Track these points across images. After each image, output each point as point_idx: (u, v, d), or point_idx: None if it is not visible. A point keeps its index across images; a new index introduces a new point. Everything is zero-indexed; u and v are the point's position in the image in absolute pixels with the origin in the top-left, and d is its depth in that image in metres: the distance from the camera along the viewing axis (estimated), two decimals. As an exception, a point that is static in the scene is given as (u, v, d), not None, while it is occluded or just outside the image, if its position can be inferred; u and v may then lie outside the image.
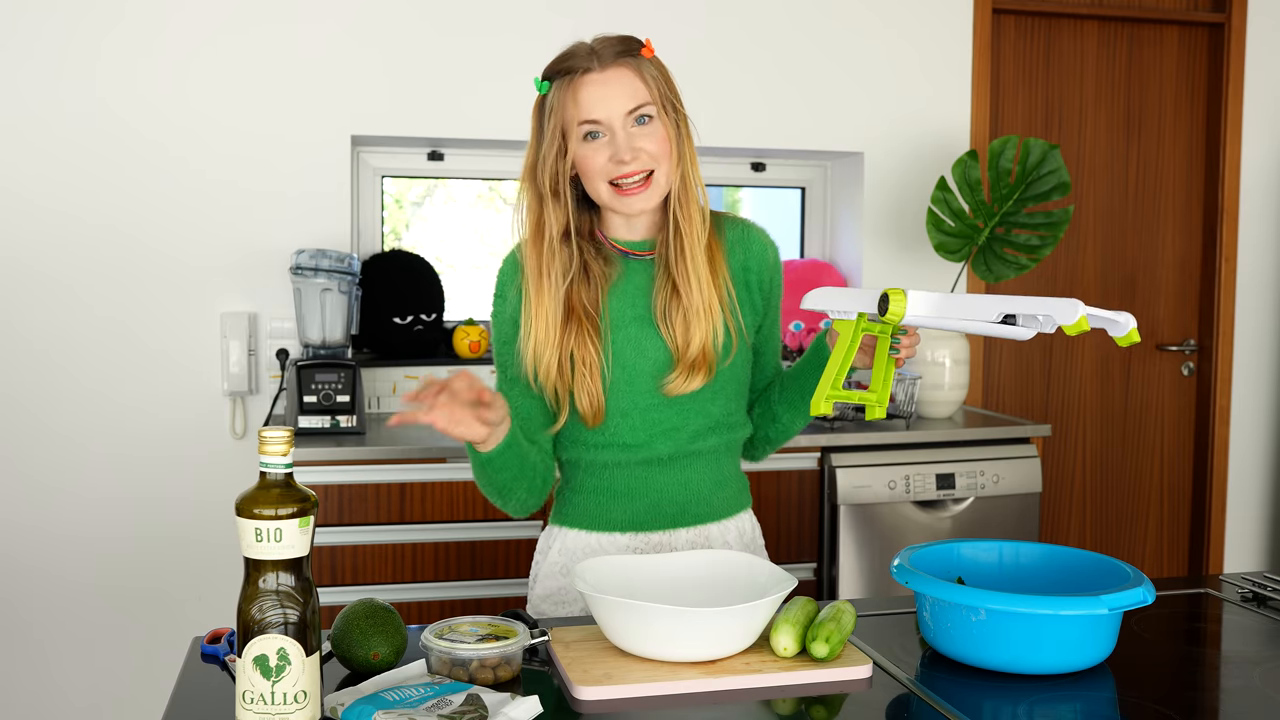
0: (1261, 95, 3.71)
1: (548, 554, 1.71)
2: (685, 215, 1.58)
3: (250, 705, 1.10)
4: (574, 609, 1.67)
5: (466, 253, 3.43)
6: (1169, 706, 1.24)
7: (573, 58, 1.54)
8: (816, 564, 2.86)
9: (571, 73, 1.53)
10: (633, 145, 1.52)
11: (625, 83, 1.52)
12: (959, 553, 1.52)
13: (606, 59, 1.52)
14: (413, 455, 2.60)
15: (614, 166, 1.53)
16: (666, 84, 1.56)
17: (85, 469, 2.97)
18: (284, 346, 3.03)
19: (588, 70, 1.52)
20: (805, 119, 3.36)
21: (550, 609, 1.69)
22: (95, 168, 2.93)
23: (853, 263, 3.48)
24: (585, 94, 1.52)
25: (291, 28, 3.01)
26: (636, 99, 1.52)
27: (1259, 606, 1.60)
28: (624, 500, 1.64)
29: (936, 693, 1.28)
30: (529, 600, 1.74)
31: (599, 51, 1.53)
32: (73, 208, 2.93)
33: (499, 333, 1.64)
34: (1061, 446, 3.71)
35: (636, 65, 1.54)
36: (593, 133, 1.53)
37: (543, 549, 1.73)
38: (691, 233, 1.58)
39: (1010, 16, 3.56)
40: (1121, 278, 3.72)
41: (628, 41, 1.56)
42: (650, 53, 1.57)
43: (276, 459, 1.13)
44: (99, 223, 2.95)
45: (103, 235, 2.95)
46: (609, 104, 1.51)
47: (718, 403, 1.64)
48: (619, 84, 1.52)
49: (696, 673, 1.30)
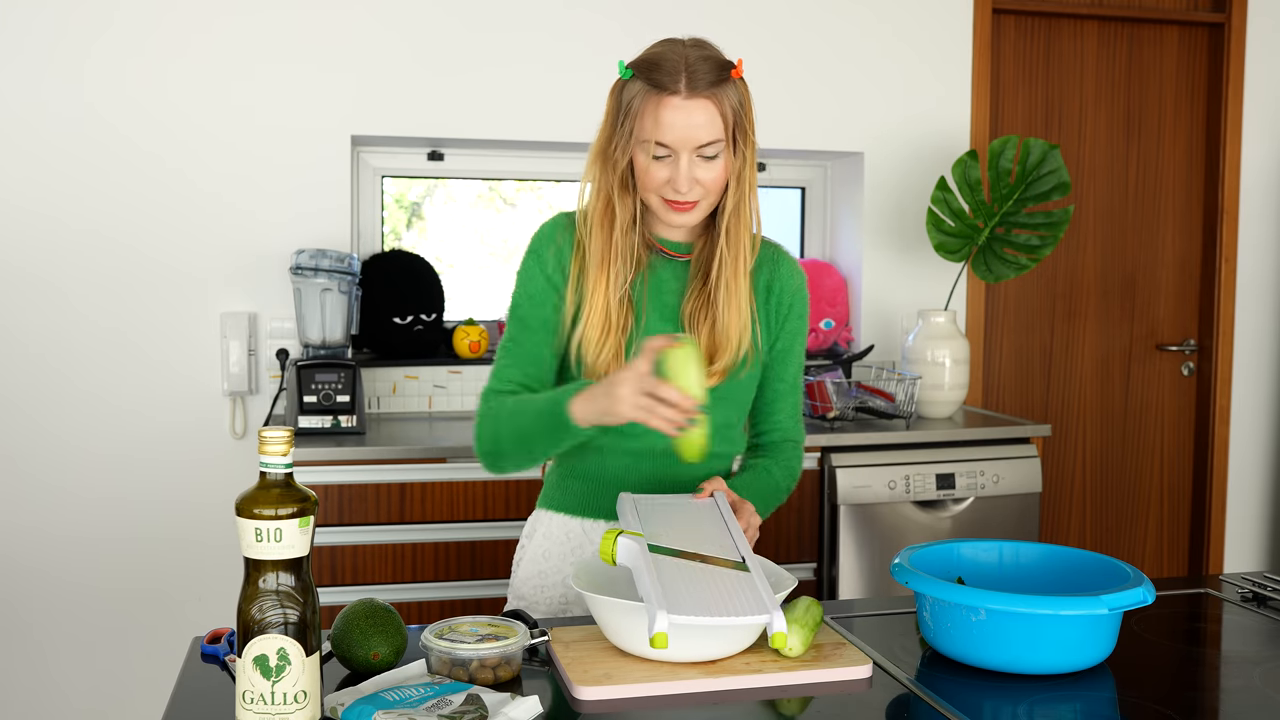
0: (1261, 95, 3.71)
1: (533, 538, 1.73)
2: (734, 239, 1.60)
3: (250, 705, 1.10)
4: (553, 595, 1.69)
5: (466, 253, 3.43)
6: (1169, 706, 1.24)
7: (664, 69, 1.51)
8: (816, 564, 2.86)
9: (659, 88, 1.51)
10: (692, 175, 1.53)
11: (705, 116, 1.51)
12: (959, 553, 1.52)
13: (696, 86, 1.50)
14: (413, 455, 2.60)
15: (671, 190, 1.54)
16: (744, 111, 1.56)
17: (85, 470, 2.97)
18: (284, 346, 3.03)
19: (673, 93, 1.51)
20: (805, 119, 3.36)
21: (530, 592, 1.71)
22: (96, 168, 2.93)
23: (853, 263, 3.49)
24: (665, 116, 1.51)
25: (291, 27, 3.01)
26: (710, 135, 1.52)
27: (1259, 606, 1.60)
28: (614, 489, 1.66)
29: (936, 693, 1.28)
30: (511, 583, 1.76)
31: (691, 73, 1.51)
32: (72, 209, 2.93)
33: (527, 287, 1.63)
34: (1061, 446, 3.71)
35: (720, 96, 1.52)
36: (659, 154, 1.53)
37: (528, 533, 1.76)
38: (738, 260, 1.60)
39: (1010, 16, 3.56)
40: (1121, 278, 3.72)
41: (721, 67, 1.53)
42: (739, 74, 1.56)
43: (276, 459, 1.13)
44: (99, 224, 2.94)
45: (103, 237, 2.95)
46: (683, 134, 1.51)
47: (719, 409, 1.65)
48: (699, 115, 1.51)
49: (696, 673, 1.30)
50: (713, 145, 1.53)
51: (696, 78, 1.51)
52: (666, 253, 1.64)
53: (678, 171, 1.52)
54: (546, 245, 1.63)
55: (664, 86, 1.51)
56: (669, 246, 1.64)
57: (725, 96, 1.53)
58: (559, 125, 3.16)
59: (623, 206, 1.58)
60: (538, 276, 1.63)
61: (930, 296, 3.48)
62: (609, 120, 1.58)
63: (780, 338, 1.71)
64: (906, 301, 3.47)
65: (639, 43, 1.68)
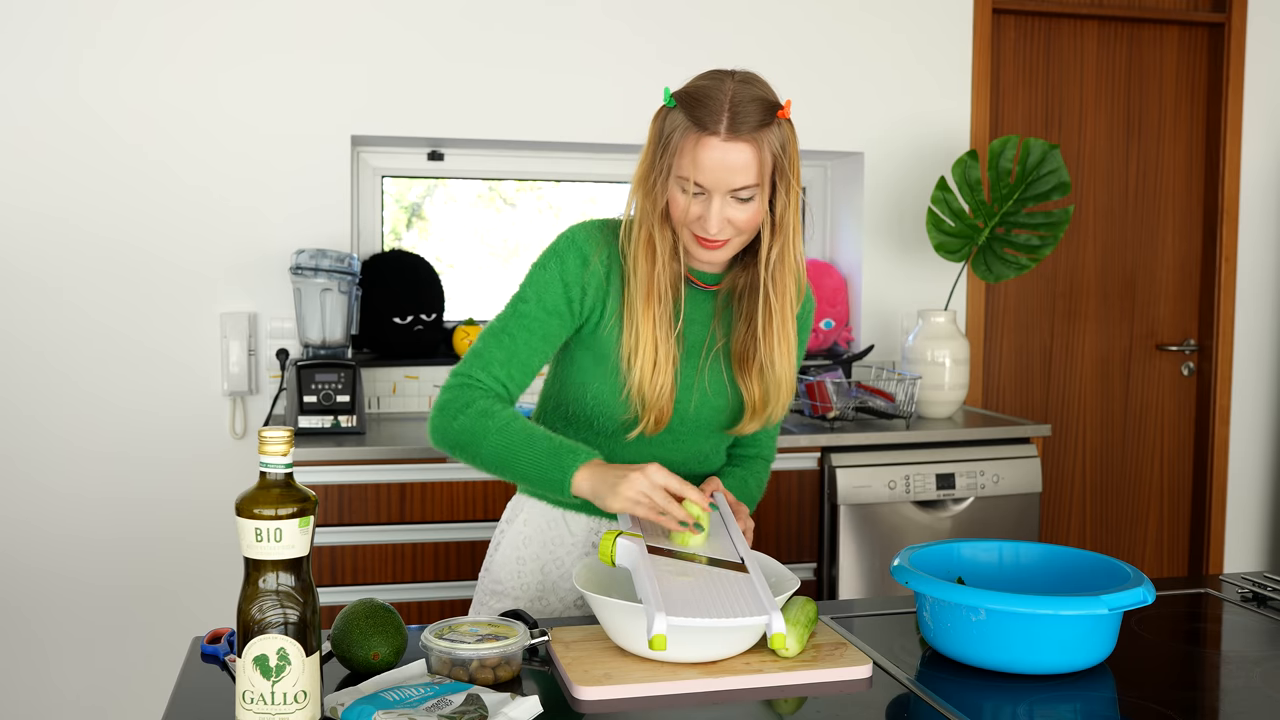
0: (1261, 95, 3.71)
1: (513, 523, 1.74)
2: (780, 285, 1.58)
3: (250, 705, 1.10)
4: (530, 581, 1.71)
5: (466, 253, 3.43)
6: (1169, 706, 1.24)
7: (707, 107, 1.47)
8: (816, 564, 2.86)
9: (700, 127, 1.48)
10: (724, 216, 1.50)
11: (743, 160, 1.47)
12: (959, 553, 1.52)
13: (737, 130, 1.46)
14: (413, 455, 2.60)
15: (700, 226, 1.52)
16: (787, 155, 1.51)
17: (85, 470, 2.97)
18: (284, 346, 3.03)
19: (714, 134, 1.47)
20: (805, 119, 3.35)
21: (507, 576, 1.72)
22: (95, 168, 2.93)
23: (853, 263, 3.49)
24: (703, 156, 1.47)
25: (291, 28, 3.01)
26: (746, 180, 1.48)
27: (1259, 606, 1.60)
28: None
29: (936, 693, 1.28)
30: (487, 566, 1.76)
31: (734, 115, 1.46)
32: (73, 210, 2.93)
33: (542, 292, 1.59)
34: (1061, 446, 3.71)
35: (762, 140, 1.48)
36: (693, 190, 1.50)
37: (509, 518, 1.76)
38: (785, 304, 1.58)
39: (1010, 16, 3.56)
40: (1121, 278, 3.72)
41: (766, 109, 1.48)
42: (786, 115, 1.51)
43: (276, 459, 1.13)
44: (99, 225, 2.94)
45: (103, 237, 2.95)
46: (719, 176, 1.48)
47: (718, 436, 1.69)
48: (737, 158, 1.47)
49: (696, 673, 1.30)
50: (748, 189, 1.49)
51: (739, 120, 1.46)
52: (696, 284, 1.63)
53: (709, 211, 1.49)
54: (573, 254, 1.58)
55: (704, 126, 1.47)
56: (698, 277, 1.63)
57: (767, 140, 1.48)
58: (559, 125, 3.16)
59: (663, 238, 1.55)
60: (556, 284, 1.58)
61: (930, 296, 3.48)
62: (650, 148, 1.54)
63: None
64: (906, 301, 3.47)
65: (639, 43, 1.68)
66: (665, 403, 1.57)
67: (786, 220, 1.55)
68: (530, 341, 1.59)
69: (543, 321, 1.58)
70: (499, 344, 1.59)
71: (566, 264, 1.58)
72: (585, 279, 1.58)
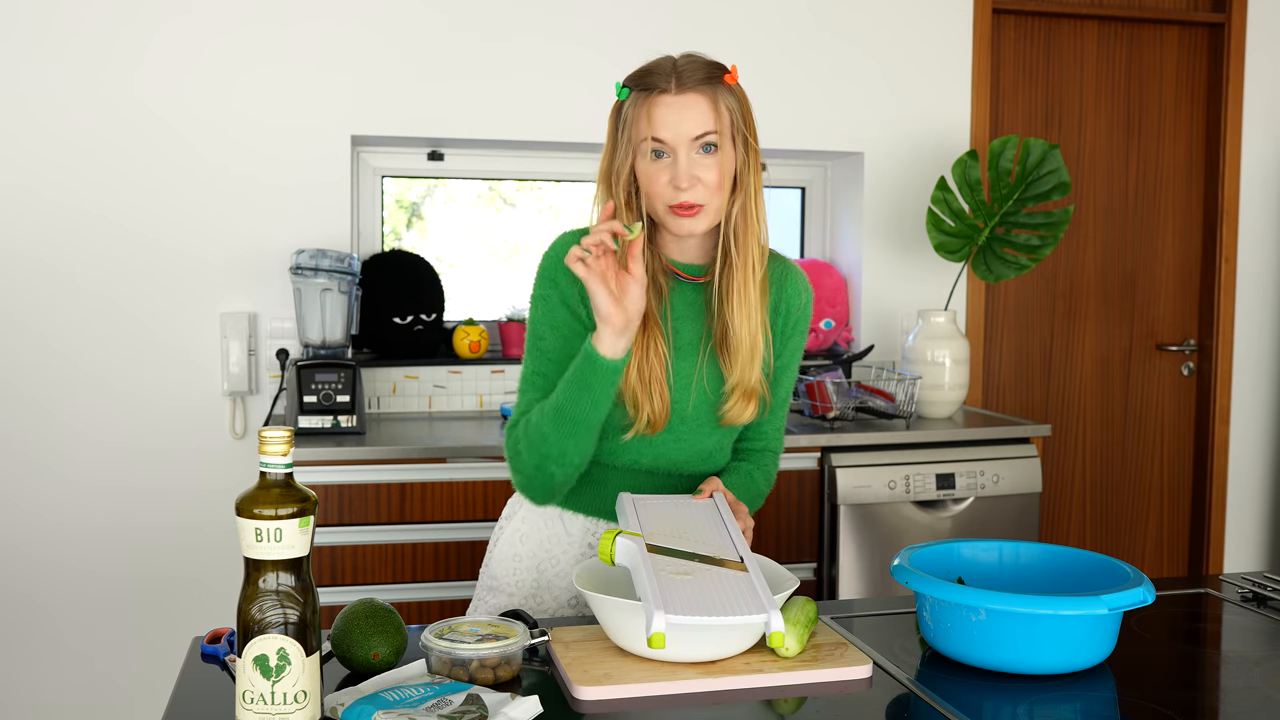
0: (1261, 95, 3.71)
1: (511, 520, 1.75)
2: (741, 247, 1.59)
3: (250, 705, 1.10)
4: (525, 579, 1.71)
5: (466, 253, 3.43)
6: (1169, 706, 1.24)
7: (654, 74, 1.54)
8: (816, 564, 2.86)
9: (649, 89, 1.54)
10: (692, 173, 1.53)
11: (697, 109, 1.52)
12: (959, 553, 1.52)
13: (685, 82, 1.53)
14: (413, 455, 2.60)
15: (673, 192, 1.54)
16: (742, 115, 1.57)
17: (84, 470, 2.97)
18: (284, 346, 3.03)
19: (664, 90, 1.53)
20: (805, 119, 3.36)
21: (504, 573, 1.73)
22: (95, 169, 2.93)
23: (853, 263, 3.49)
24: (657, 113, 1.52)
25: (291, 27, 3.01)
26: (703, 126, 1.52)
27: (1259, 606, 1.60)
28: (594, 487, 1.67)
29: (936, 693, 1.28)
30: (485, 562, 1.77)
31: (680, 73, 1.53)
32: (74, 209, 2.93)
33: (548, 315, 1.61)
34: (1061, 446, 3.71)
35: (713, 92, 1.54)
36: (658, 151, 1.54)
37: (508, 515, 1.77)
38: (746, 266, 1.59)
39: (1010, 16, 3.56)
40: (1121, 278, 3.72)
41: (711, 67, 1.55)
42: (733, 80, 1.57)
43: (276, 459, 1.13)
44: (100, 225, 2.95)
45: (103, 237, 2.95)
46: (677, 127, 1.52)
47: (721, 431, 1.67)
48: (691, 109, 1.52)
49: (696, 673, 1.30)
50: (709, 135, 1.52)
51: (686, 75, 1.53)
52: (682, 276, 1.63)
53: (677, 168, 1.52)
54: (561, 270, 1.60)
55: (655, 87, 1.53)
56: (681, 268, 1.63)
57: (719, 94, 1.54)
58: (559, 125, 3.16)
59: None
60: (560, 308, 1.60)
61: (930, 296, 3.48)
62: (610, 140, 1.59)
63: (782, 355, 1.71)
64: (906, 301, 3.47)
65: (639, 43, 1.68)
66: (659, 402, 1.57)
67: (747, 180, 1.58)
68: (556, 368, 1.60)
69: (564, 347, 1.60)
70: (535, 387, 1.61)
71: (559, 283, 1.61)
72: (578, 289, 1.60)
